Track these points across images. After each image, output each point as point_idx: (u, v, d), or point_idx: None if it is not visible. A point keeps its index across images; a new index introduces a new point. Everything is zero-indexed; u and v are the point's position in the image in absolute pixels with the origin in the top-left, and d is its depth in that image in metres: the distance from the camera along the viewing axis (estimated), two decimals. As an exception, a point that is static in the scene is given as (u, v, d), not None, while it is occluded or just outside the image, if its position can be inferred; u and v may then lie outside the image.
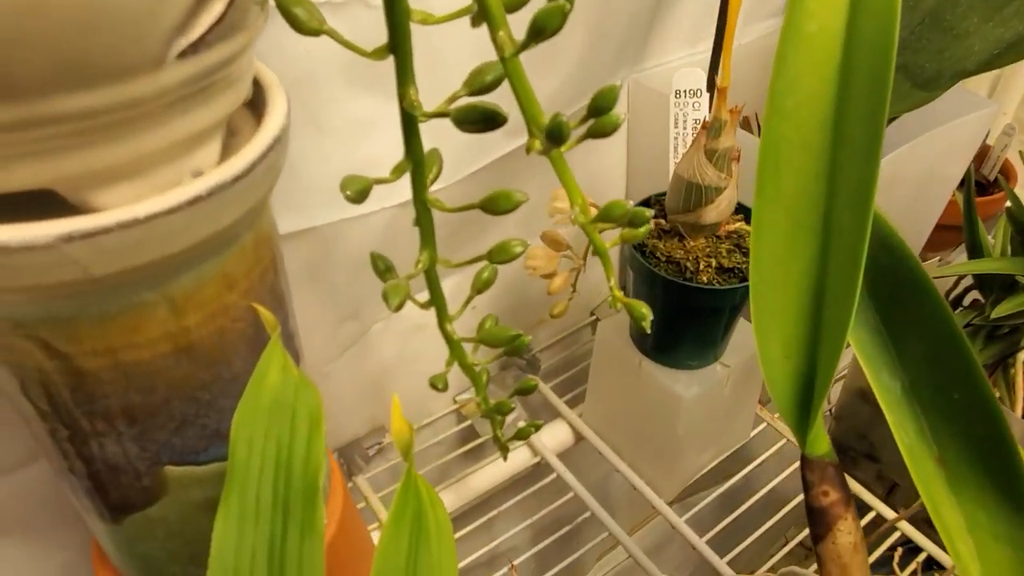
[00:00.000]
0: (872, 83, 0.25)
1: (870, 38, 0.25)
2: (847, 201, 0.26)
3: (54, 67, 0.15)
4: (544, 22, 0.18)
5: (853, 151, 0.26)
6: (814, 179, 0.26)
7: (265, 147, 0.21)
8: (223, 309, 0.23)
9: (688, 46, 0.56)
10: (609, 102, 0.21)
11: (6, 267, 0.18)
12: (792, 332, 0.26)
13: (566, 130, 0.20)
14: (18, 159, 0.17)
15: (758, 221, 0.26)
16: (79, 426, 0.24)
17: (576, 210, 0.23)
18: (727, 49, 0.38)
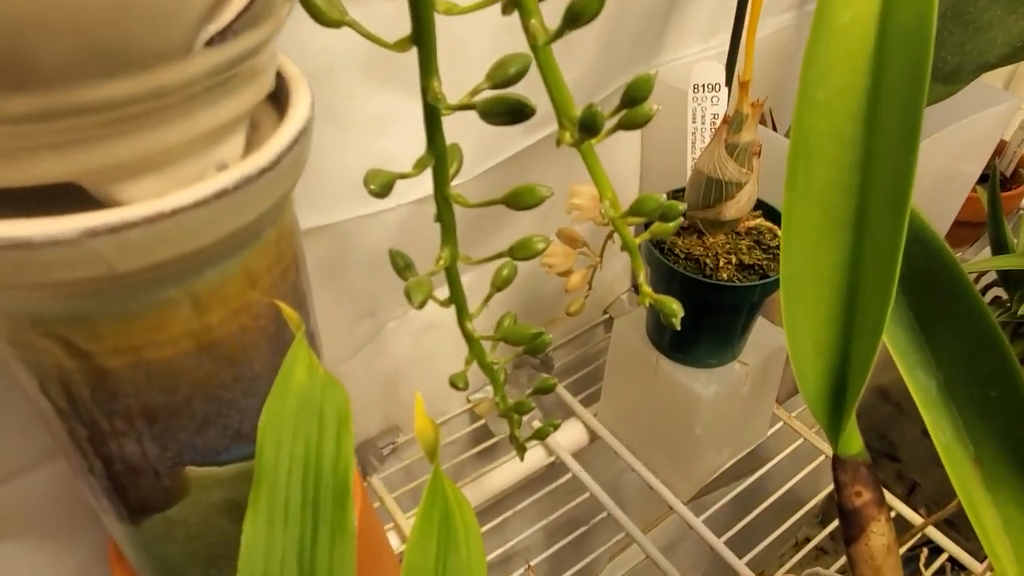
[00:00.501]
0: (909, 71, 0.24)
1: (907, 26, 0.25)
2: (882, 193, 0.25)
3: (80, 55, 0.15)
4: (583, 7, 0.18)
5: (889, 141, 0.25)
6: (847, 171, 0.26)
7: (291, 139, 0.21)
8: (246, 306, 0.23)
9: (702, 41, 0.55)
10: (645, 92, 0.20)
11: (30, 262, 0.17)
12: (824, 328, 0.26)
13: (600, 120, 0.20)
14: (42, 151, 0.16)
15: (789, 214, 0.26)
16: (99, 426, 0.23)
17: (607, 204, 0.23)
18: (750, 41, 0.37)
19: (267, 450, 0.19)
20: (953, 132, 0.49)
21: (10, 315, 0.21)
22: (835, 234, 0.26)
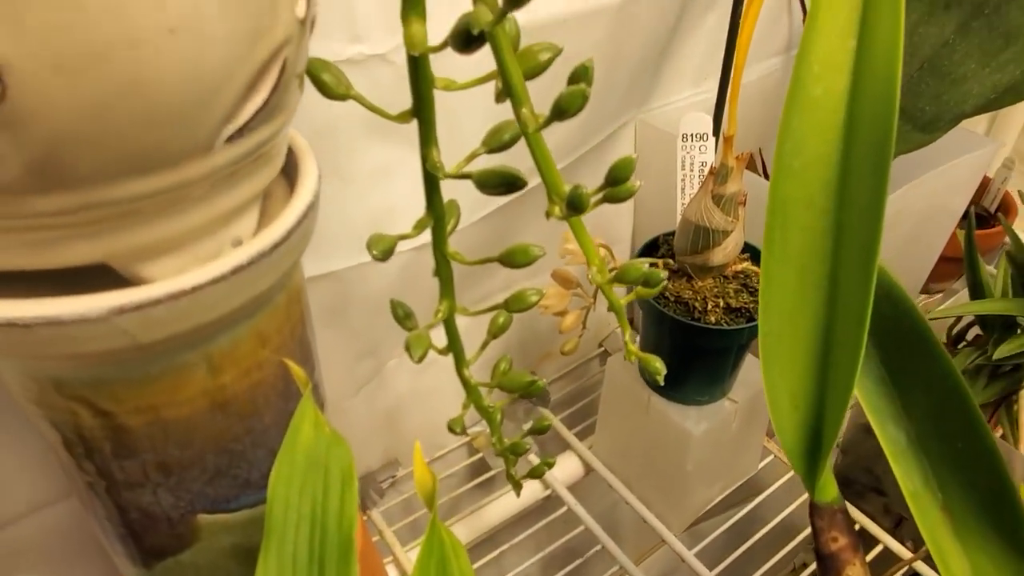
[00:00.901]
0: (875, 146, 0.26)
1: (873, 102, 0.27)
2: (852, 258, 0.27)
3: (114, 159, 0.16)
4: (567, 104, 0.20)
5: (858, 209, 0.27)
6: (820, 236, 0.27)
7: (300, 215, 0.22)
8: (257, 365, 0.24)
9: (693, 86, 0.57)
10: (626, 173, 0.22)
11: (60, 337, 0.19)
12: (800, 383, 0.27)
13: (585, 200, 0.21)
14: (76, 238, 0.18)
15: (767, 276, 0.27)
16: (118, 478, 0.25)
17: (593, 270, 0.24)
18: (733, 98, 0.39)
19: (276, 506, 0.21)
20: (934, 177, 0.51)
21: (37, 379, 0.22)
22: (809, 295, 0.27)
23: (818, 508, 0.28)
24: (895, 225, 0.54)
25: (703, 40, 0.54)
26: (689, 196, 0.47)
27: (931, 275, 0.65)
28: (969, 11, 0.42)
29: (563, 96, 0.20)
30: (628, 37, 0.44)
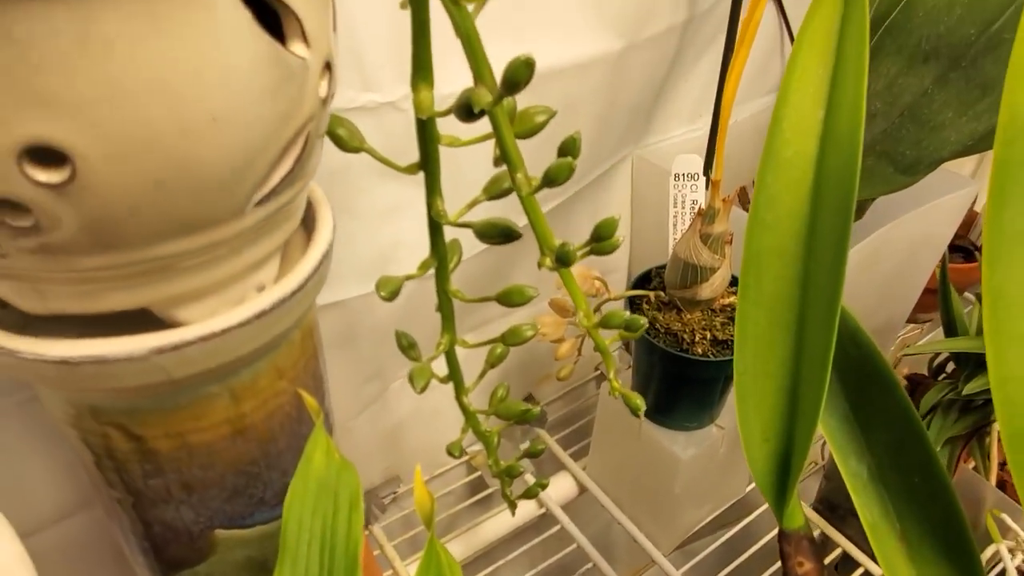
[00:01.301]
0: (839, 203, 0.29)
1: (838, 165, 0.29)
2: (818, 304, 0.29)
3: (159, 226, 0.19)
4: (555, 175, 0.22)
5: (823, 261, 0.29)
6: (790, 284, 0.30)
7: (316, 264, 0.25)
8: (274, 395, 0.27)
9: (688, 123, 0.60)
10: (610, 231, 0.24)
11: (103, 373, 0.22)
12: (770, 419, 0.30)
13: (572, 256, 0.24)
14: (120, 289, 0.21)
15: (742, 319, 0.30)
16: (145, 495, 0.27)
17: (580, 315, 0.27)
18: (720, 145, 0.42)
19: (291, 526, 0.23)
20: (919, 215, 0.53)
21: (76, 405, 0.25)
22: (779, 338, 0.30)
23: (786, 535, 0.30)
24: (882, 259, 0.56)
25: (698, 80, 0.57)
26: (680, 232, 0.50)
27: (919, 305, 0.67)
28: (947, 64, 0.45)
29: (552, 168, 0.22)
30: (625, 83, 0.47)
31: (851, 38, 0.29)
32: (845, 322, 0.31)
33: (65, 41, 0.15)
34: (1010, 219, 0.22)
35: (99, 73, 0.16)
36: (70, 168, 0.17)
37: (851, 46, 0.29)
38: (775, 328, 0.30)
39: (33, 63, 0.15)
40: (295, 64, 0.19)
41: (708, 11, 0.50)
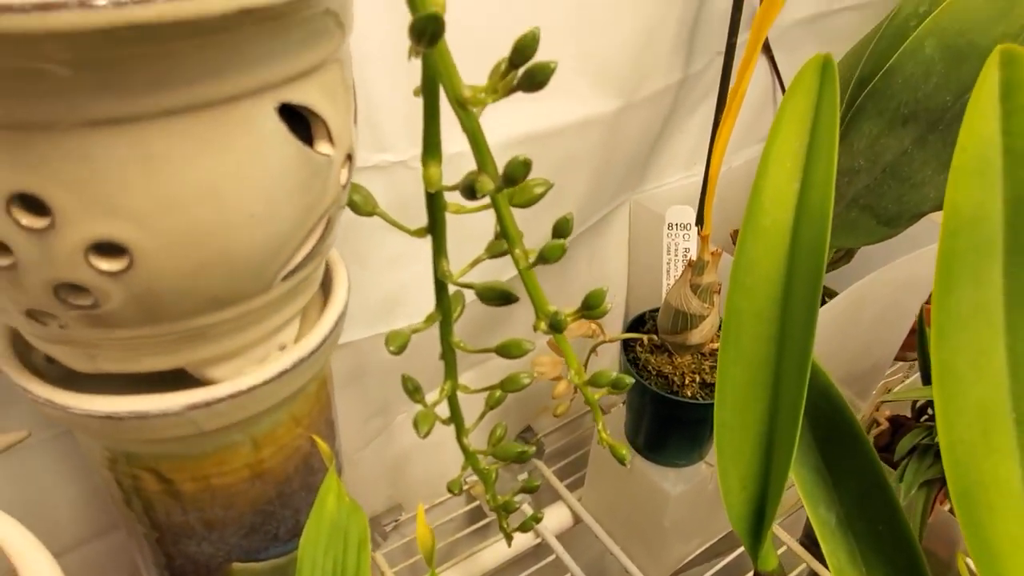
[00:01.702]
0: (811, 269, 0.31)
1: (810, 234, 0.32)
2: (791, 364, 0.32)
3: (198, 302, 0.22)
4: (548, 254, 0.25)
5: (796, 323, 0.32)
6: (766, 344, 0.32)
7: (332, 325, 0.27)
8: (291, 441, 0.29)
9: (684, 169, 0.62)
10: (599, 300, 0.27)
11: (142, 426, 0.24)
12: (747, 468, 0.32)
13: (564, 324, 0.26)
14: (161, 352, 0.23)
15: (722, 376, 0.32)
16: (169, 531, 0.30)
17: (572, 372, 0.29)
18: (708, 201, 0.44)
19: (305, 563, 0.25)
20: (901, 264, 0.56)
21: (113, 451, 0.27)
22: (756, 394, 0.32)
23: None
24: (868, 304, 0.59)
25: (693, 129, 0.60)
26: (673, 278, 0.52)
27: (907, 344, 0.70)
28: (925, 126, 0.47)
29: (546, 248, 0.25)
30: (623, 138, 0.50)
31: (824, 120, 0.32)
32: (817, 378, 0.33)
33: (130, 160, 0.18)
34: (955, 303, 0.24)
35: (157, 185, 0.18)
36: (128, 258, 0.19)
37: (824, 127, 0.32)
38: (752, 385, 0.32)
39: (104, 177, 0.18)
40: (321, 162, 0.22)
41: (702, 70, 0.53)
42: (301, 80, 0.20)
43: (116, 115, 0.17)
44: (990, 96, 0.23)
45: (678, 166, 0.61)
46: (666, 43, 0.48)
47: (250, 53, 0.18)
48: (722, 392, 0.33)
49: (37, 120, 0.17)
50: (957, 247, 0.24)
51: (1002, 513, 0.26)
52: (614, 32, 0.44)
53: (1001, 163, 0.23)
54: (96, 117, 0.17)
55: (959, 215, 0.24)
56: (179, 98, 0.17)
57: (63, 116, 0.17)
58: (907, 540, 0.31)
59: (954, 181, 0.24)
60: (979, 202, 0.23)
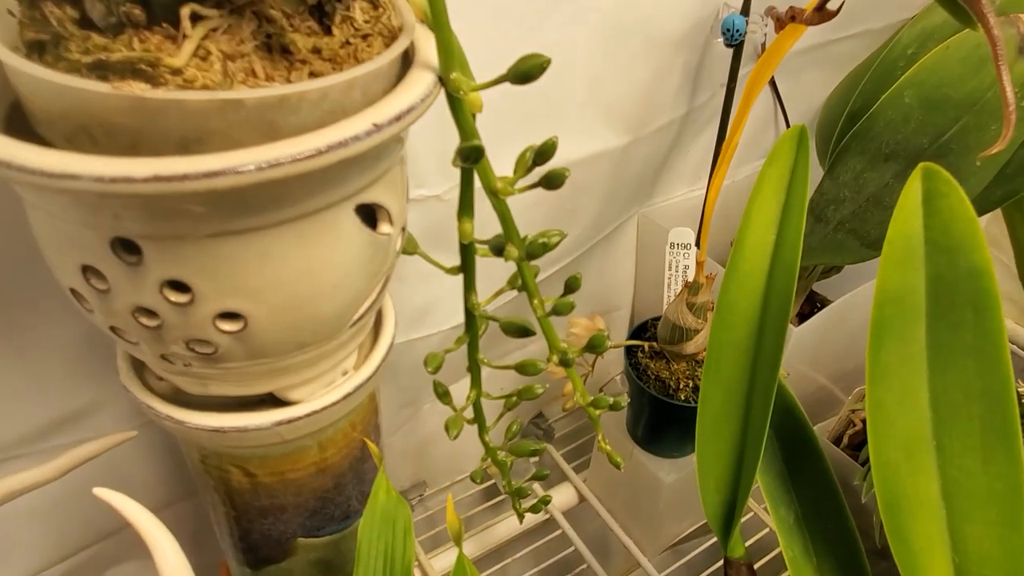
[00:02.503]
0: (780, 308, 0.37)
1: (781, 278, 0.38)
2: (760, 388, 0.38)
3: (289, 347, 0.28)
4: (560, 308, 0.31)
5: (766, 355, 0.38)
6: (741, 370, 0.39)
7: (383, 355, 0.34)
8: (347, 443, 0.36)
9: (689, 184, 0.68)
10: (601, 340, 0.33)
11: (240, 437, 0.31)
12: (721, 473, 0.39)
13: (571, 360, 0.33)
14: (257, 381, 0.30)
15: (704, 396, 0.38)
16: (248, 513, 0.37)
17: (577, 395, 0.36)
18: (705, 230, 0.50)
19: (363, 544, 0.32)
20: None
21: (209, 451, 0.34)
22: (732, 412, 0.38)
23: (730, 561, 0.39)
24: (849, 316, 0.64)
25: (699, 149, 0.65)
26: (674, 291, 0.58)
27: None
28: (904, 163, 0.52)
29: (559, 303, 0.31)
30: (630, 167, 0.56)
31: (797, 185, 0.38)
32: (784, 398, 0.40)
33: (250, 256, 0.24)
34: (884, 356, 0.30)
35: (268, 272, 0.25)
36: (243, 322, 0.26)
37: (796, 192, 0.38)
38: (728, 404, 0.39)
39: (230, 269, 0.24)
40: (384, 240, 0.28)
41: (706, 102, 0.58)
42: (372, 185, 0.26)
43: (241, 228, 0.23)
44: (915, 201, 0.29)
45: (683, 182, 0.67)
46: (673, 84, 0.53)
47: (339, 179, 0.24)
48: (703, 410, 0.39)
49: (185, 233, 0.23)
50: (884, 315, 0.30)
51: (921, 520, 0.33)
52: (625, 78, 0.50)
53: (923, 251, 0.29)
54: (227, 230, 0.23)
55: (886, 292, 0.30)
56: (286, 214, 0.24)
57: (202, 231, 0.23)
58: (850, 536, 0.37)
59: (883, 267, 0.29)
60: (903, 281, 0.29)
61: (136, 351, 0.28)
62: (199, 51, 0.21)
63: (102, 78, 0.21)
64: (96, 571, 0.51)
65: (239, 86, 0.21)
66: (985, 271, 0.28)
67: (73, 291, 0.26)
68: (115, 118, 0.21)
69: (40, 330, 0.38)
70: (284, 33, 0.24)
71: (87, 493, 0.44)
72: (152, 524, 0.29)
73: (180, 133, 0.21)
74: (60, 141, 0.22)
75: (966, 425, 0.32)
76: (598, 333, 0.33)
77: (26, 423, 0.41)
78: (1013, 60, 0.46)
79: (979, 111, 0.49)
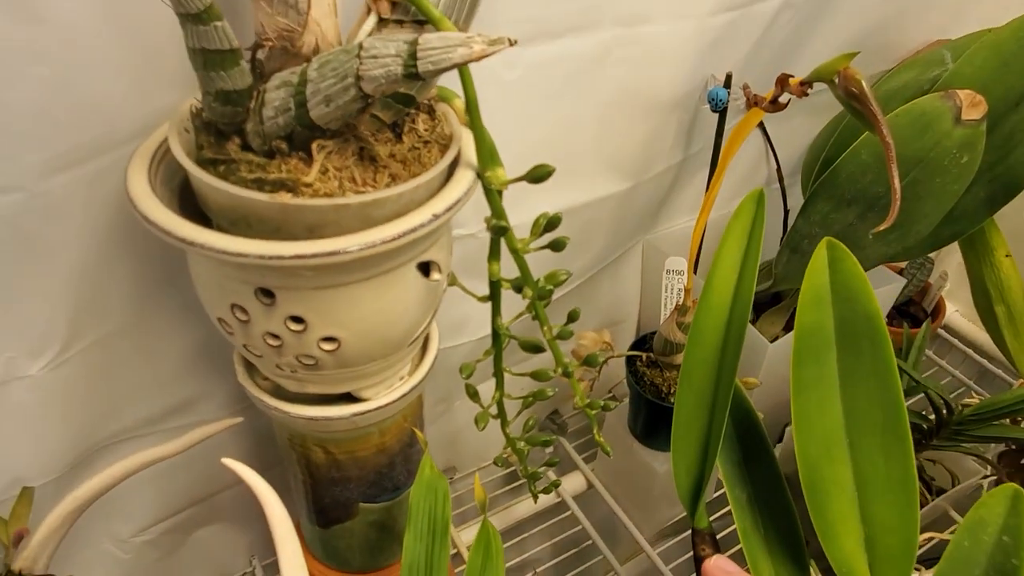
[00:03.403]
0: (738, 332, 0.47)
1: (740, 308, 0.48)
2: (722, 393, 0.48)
3: (365, 360, 0.39)
4: (562, 334, 0.42)
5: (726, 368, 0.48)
6: (708, 381, 0.49)
7: (430, 365, 0.45)
8: (399, 430, 0.47)
9: (688, 214, 0.78)
10: (594, 362, 0.44)
11: (326, 424, 0.42)
12: (692, 459, 0.49)
13: (572, 371, 0.43)
14: (339, 384, 0.41)
15: (679, 401, 0.49)
16: (322, 482, 0.48)
17: (576, 398, 0.46)
18: (690, 265, 0.60)
19: (414, 507, 0.43)
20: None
21: (296, 433, 0.45)
22: (700, 413, 0.49)
23: (697, 531, 0.49)
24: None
25: (696, 185, 0.75)
26: (670, 310, 0.68)
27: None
28: (865, 207, 0.62)
29: (562, 330, 0.42)
30: (634, 206, 0.66)
31: (754, 236, 0.48)
32: (741, 403, 0.50)
33: (346, 301, 0.35)
34: (805, 374, 0.41)
35: (356, 311, 0.36)
36: (337, 343, 0.37)
37: (754, 241, 0.48)
38: (698, 407, 0.49)
39: (332, 308, 0.35)
40: (435, 285, 0.39)
41: (700, 150, 0.68)
42: (428, 249, 0.37)
43: (341, 282, 0.34)
44: (823, 262, 0.39)
45: (683, 212, 0.77)
46: (669, 138, 0.63)
47: (407, 249, 0.35)
48: (678, 410, 0.49)
49: (305, 285, 0.34)
50: (802, 345, 0.40)
51: (836, 499, 0.43)
52: (628, 135, 0.60)
53: (831, 298, 0.39)
54: (332, 283, 0.34)
55: (803, 326, 0.40)
56: (370, 272, 0.35)
57: (316, 283, 0.34)
58: (790, 513, 0.48)
59: (800, 308, 0.40)
60: (817, 319, 0.39)
61: (258, 361, 0.40)
62: (321, 168, 0.32)
63: (260, 189, 0.32)
64: (190, 529, 0.63)
65: (348, 192, 0.33)
66: (876, 314, 0.39)
67: (220, 320, 0.37)
68: (267, 214, 0.32)
69: (165, 339, 0.50)
70: (371, 147, 0.35)
71: (186, 465, 0.56)
72: (263, 485, 0.41)
73: (308, 223, 0.32)
74: (226, 224, 0.34)
75: (870, 428, 0.42)
76: (592, 353, 0.44)
77: (149, 409, 0.53)
78: (951, 129, 0.56)
79: (924, 166, 0.58)
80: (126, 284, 0.45)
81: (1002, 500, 0.36)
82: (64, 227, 0.40)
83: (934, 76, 0.62)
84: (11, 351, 0.43)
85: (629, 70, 0.55)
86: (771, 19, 0.60)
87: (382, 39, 0.29)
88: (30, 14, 0.33)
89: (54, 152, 0.37)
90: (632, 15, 0.52)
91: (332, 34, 0.34)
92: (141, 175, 0.34)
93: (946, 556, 0.36)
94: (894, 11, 0.70)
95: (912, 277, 0.85)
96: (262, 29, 0.33)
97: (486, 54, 0.27)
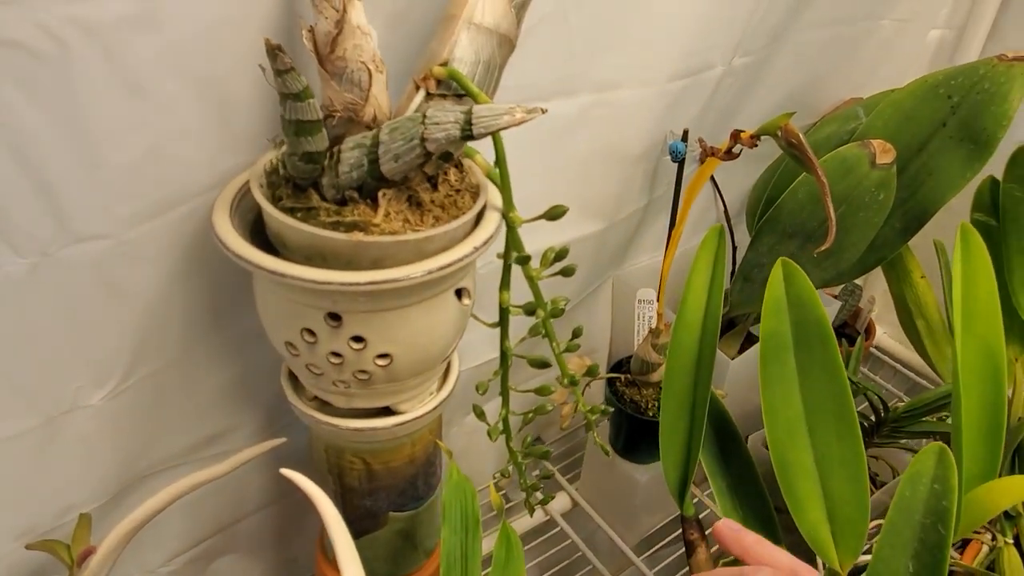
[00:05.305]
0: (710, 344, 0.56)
1: (710, 325, 0.57)
2: (700, 400, 0.57)
3: (409, 374, 0.46)
4: (569, 348, 0.49)
5: (702, 375, 0.57)
6: (687, 387, 0.57)
7: (454, 383, 0.52)
8: (428, 441, 0.54)
9: (651, 252, 0.87)
10: (595, 371, 0.51)
11: (369, 435, 0.48)
12: (677, 458, 0.57)
13: (578, 380, 0.51)
14: (383, 398, 0.48)
15: (663, 405, 0.57)
16: (355, 492, 0.54)
17: (580, 404, 0.54)
18: (661, 293, 0.69)
19: (447, 505, 0.50)
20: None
21: (333, 444, 0.52)
22: (682, 415, 0.57)
23: (684, 518, 0.57)
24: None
25: (659, 225, 0.85)
26: (642, 336, 0.77)
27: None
28: (803, 239, 0.73)
29: (569, 344, 0.50)
30: (607, 244, 0.75)
31: (719, 263, 0.57)
32: (717, 406, 0.58)
33: (399, 322, 0.42)
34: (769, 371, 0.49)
35: (407, 330, 0.43)
36: (390, 359, 0.44)
37: (719, 268, 0.57)
38: (679, 410, 0.57)
39: (387, 328, 0.42)
40: (466, 308, 0.47)
41: (662, 194, 0.78)
42: (463, 277, 0.45)
43: (398, 305, 0.42)
44: (779, 278, 0.48)
45: (647, 251, 0.86)
46: (636, 185, 0.73)
47: (450, 276, 0.43)
48: (663, 416, 0.58)
49: (368, 309, 0.41)
50: (767, 346, 0.49)
51: (801, 476, 0.51)
52: (601, 183, 0.69)
53: (787, 307, 0.48)
54: (390, 307, 0.42)
55: (767, 331, 0.49)
56: (422, 296, 0.42)
57: (378, 306, 0.41)
58: (763, 498, 0.56)
59: (764, 316, 0.49)
60: (777, 325, 0.48)
61: (316, 380, 0.46)
62: (384, 212, 0.40)
63: (336, 230, 0.39)
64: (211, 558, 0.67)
65: (407, 231, 0.40)
66: (823, 319, 0.48)
67: (288, 343, 0.44)
68: (341, 250, 0.39)
69: (207, 372, 0.56)
70: (418, 194, 0.43)
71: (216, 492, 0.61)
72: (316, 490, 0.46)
73: (373, 257, 0.39)
74: (300, 259, 0.41)
75: (825, 415, 0.51)
76: (592, 365, 0.52)
77: (187, 438, 0.58)
78: (868, 171, 0.67)
79: (849, 203, 0.69)
80: (181, 320, 0.51)
81: (932, 456, 0.45)
82: (142, 270, 0.46)
83: (851, 128, 0.74)
84: (80, 381, 0.48)
85: (603, 128, 0.65)
86: (716, 84, 0.71)
87: (441, 110, 0.37)
88: (136, 89, 0.40)
89: (142, 205, 0.43)
90: (605, 82, 0.62)
91: (386, 106, 0.42)
92: (226, 221, 0.41)
93: (894, 504, 0.45)
94: (813, 76, 0.82)
95: (845, 301, 0.97)
96: (330, 102, 0.40)
97: (525, 120, 0.36)
